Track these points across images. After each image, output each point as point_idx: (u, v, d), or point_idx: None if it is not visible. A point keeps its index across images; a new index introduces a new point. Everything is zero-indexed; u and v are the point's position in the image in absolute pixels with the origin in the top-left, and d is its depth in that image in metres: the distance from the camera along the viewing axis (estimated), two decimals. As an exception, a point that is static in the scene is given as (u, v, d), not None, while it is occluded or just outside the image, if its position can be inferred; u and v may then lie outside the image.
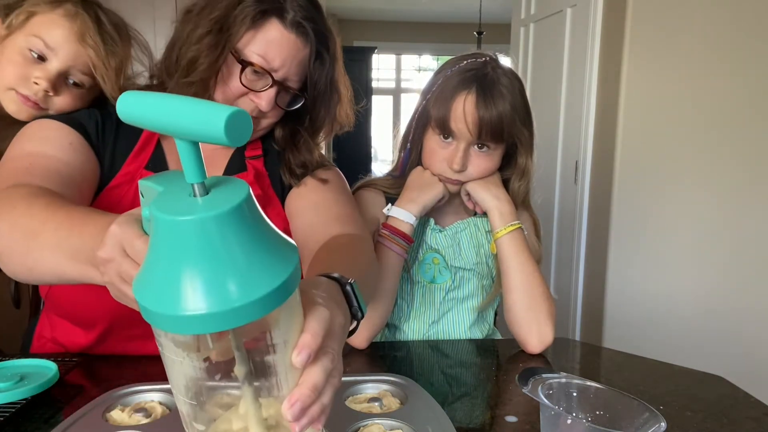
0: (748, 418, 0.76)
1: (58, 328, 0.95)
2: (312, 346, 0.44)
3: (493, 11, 6.54)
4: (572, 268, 2.67)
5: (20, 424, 0.69)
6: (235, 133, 0.37)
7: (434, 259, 1.11)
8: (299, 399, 0.43)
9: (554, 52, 2.80)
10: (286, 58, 0.87)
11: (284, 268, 0.41)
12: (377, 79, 8.27)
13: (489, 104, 0.98)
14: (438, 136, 1.03)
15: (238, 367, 0.45)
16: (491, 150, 1.03)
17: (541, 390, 0.60)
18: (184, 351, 0.43)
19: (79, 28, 0.89)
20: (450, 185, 1.05)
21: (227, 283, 0.38)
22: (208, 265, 0.38)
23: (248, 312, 0.39)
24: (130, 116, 0.43)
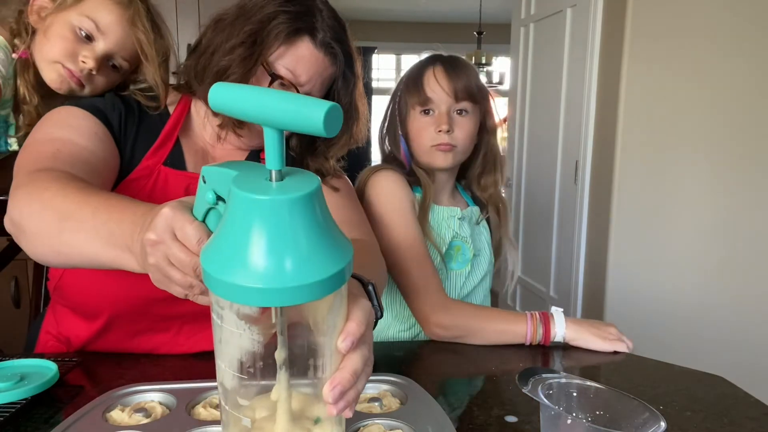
0: (748, 418, 0.76)
1: (63, 322, 0.96)
2: (356, 333, 0.47)
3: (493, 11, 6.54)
4: (572, 268, 2.67)
5: (20, 424, 0.69)
6: (331, 125, 0.42)
7: (457, 247, 1.17)
8: (340, 383, 0.46)
9: (554, 52, 2.80)
10: (313, 75, 0.90)
11: (344, 256, 0.45)
12: (377, 79, 8.27)
13: (456, 68, 1.12)
14: (420, 114, 1.13)
15: (278, 352, 0.47)
16: (469, 114, 1.14)
17: (541, 390, 0.60)
18: (246, 323, 0.45)
19: (132, 15, 0.92)
20: (442, 156, 1.12)
21: (298, 261, 0.42)
22: (281, 243, 0.42)
23: (313, 291, 0.42)
24: (223, 105, 0.46)
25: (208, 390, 0.74)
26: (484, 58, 6.58)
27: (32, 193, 0.69)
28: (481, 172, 1.22)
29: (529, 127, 3.14)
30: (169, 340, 0.93)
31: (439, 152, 1.12)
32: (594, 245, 2.55)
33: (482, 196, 1.24)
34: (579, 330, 0.98)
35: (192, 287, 0.53)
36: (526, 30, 3.13)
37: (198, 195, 0.51)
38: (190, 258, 0.50)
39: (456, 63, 1.14)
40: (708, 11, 2.28)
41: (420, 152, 1.15)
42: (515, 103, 3.26)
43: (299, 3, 0.90)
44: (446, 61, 1.14)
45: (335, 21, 0.93)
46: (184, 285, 0.53)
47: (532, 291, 3.06)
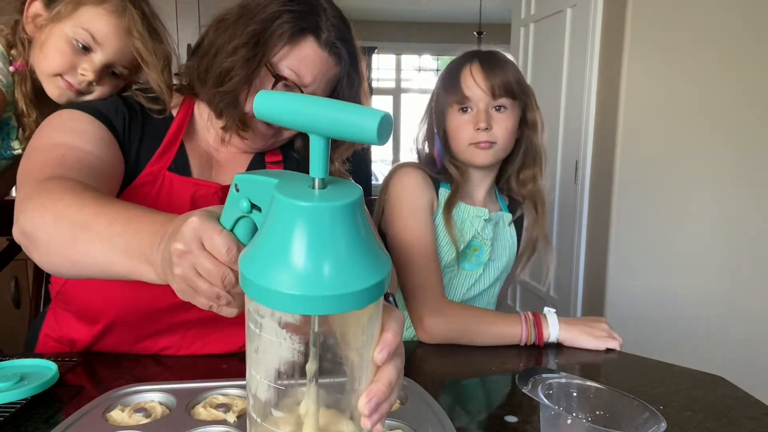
0: (748, 418, 0.76)
1: (64, 325, 0.95)
2: (393, 344, 0.47)
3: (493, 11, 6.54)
4: (572, 268, 2.67)
5: (20, 424, 0.69)
6: (384, 133, 0.41)
7: (474, 248, 1.16)
8: (376, 395, 0.45)
9: (554, 52, 2.80)
10: (318, 76, 0.89)
11: (384, 266, 0.45)
12: (377, 79, 8.27)
13: (493, 65, 1.11)
14: (458, 112, 1.12)
15: (310, 364, 0.46)
16: (508, 110, 1.12)
17: (541, 390, 0.60)
18: (288, 332, 0.44)
19: (126, 24, 0.91)
20: (482, 154, 1.11)
21: (342, 269, 0.42)
22: (325, 251, 0.41)
23: (356, 300, 0.42)
24: (269, 114, 0.46)
25: (208, 390, 0.74)
26: (484, 58, 6.56)
27: (45, 204, 0.67)
28: (521, 166, 1.20)
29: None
30: (173, 344, 0.93)
31: (478, 150, 1.11)
32: (594, 245, 2.55)
33: (521, 191, 1.21)
34: (571, 330, 0.99)
35: (219, 298, 0.52)
36: (526, 30, 3.13)
37: (228, 203, 0.50)
38: (218, 268, 0.49)
39: (494, 59, 1.13)
40: (708, 11, 2.28)
41: (459, 150, 1.13)
42: (515, 103, 3.26)
43: (303, 2, 0.89)
44: (483, 58, 1.12)
45: (340, 20, 0.92)
46: (211, 296, 0.52)
47: (532, 291, 3.06)
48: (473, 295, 1.19)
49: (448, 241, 1.12)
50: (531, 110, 1.16)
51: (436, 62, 9.52)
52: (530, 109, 1.16)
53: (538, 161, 1.19)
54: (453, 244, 1.12)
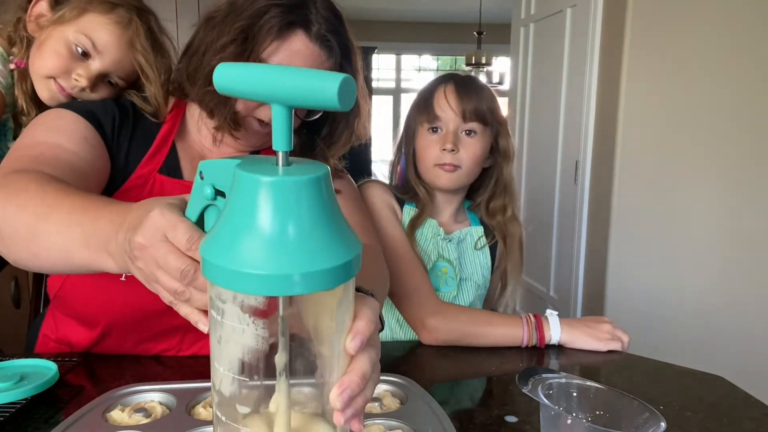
0: (748, 418, 0.76)
1: (62, 327, 0.95)
2: (365, 332, 0.44)
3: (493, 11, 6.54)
4: (572, 268, 2.67)
5: (20, 424, 0.69)
6: (345, 97, 0.39)
7: (443, 269, 1.14)
8: (348, 386, 0.43)
9: (554, 52, 2.80)
10: None
11: (354, 246, 0.42)
12: (377, 79, 8.27)
13: (468, 88, 1.11)
14: (428, 131, 1.12)
15: (279, 355, 0.44)
16: (478, 135, 1.11)
17: (541, 390, 0.60)
18: (251, 317, 0.41)
19: (130, 36, 0.90)
20: (446, 177, 1.11)
21: (307, 247, 0.39)
22: (289, 228, 0.39)
23: (323, 280, 0.39)
24: (227, 85, 0.44)
25: (208, 390, 0.73)
26: (484, 58, 6.58)
27: (8, 195, 0.65)
28: (491, 196, 1.19)
29: (529, 127, 3.14)
30: (173, 347, 0.93)
31: (442, 171, 1.10)
32: (594, 245, 2.55)
33: (489, 222, 1.19)
34: (573, 332, 0.99)
35: (177, 293, 0.50)
36: (526, 30, 3.13)
37: (194, 192, 0.48)
38: (177, 261, 0.48)
39: (470, 83, 1.12)
40: (708, 11, 2.28)
41: (424, 169, 1.13)
42: (515, 104, 3.26)
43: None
44: (459, 81, 1.12)
45: (331, 12, 0.89)
46: (170, 290, 0.50)
47: (532, 291, 3.06)
48: None
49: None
50: (503, 138, 1.16)
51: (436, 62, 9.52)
52: (503, 137, 1.16)
53: (508, 192, 1.18)
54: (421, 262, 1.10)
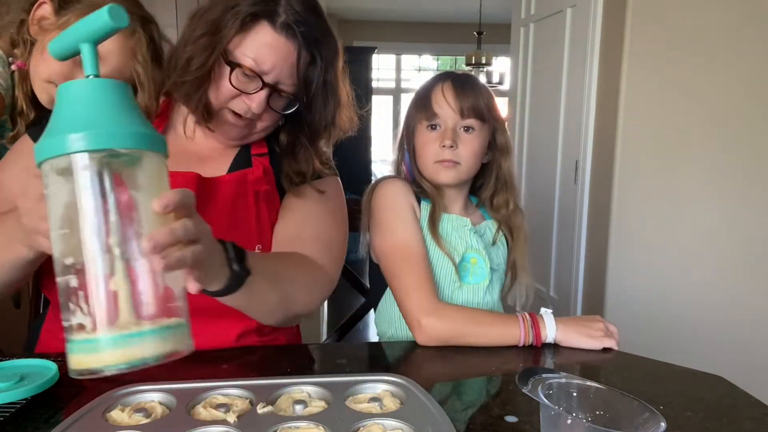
0: (748, 418, 0.76)
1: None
2: (173, 197, 0.53)
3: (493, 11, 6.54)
4: (572, 268, 2.67)
5: (20, 424, 0.69)
6: (117, 16, 0.52)
7: (472, 260, 1.15)
8: (154, 236, 0.51)
9: (554, 52, 2.80)
10: (277, 62, 0.88)
11: (150, 129, 0.54)
12: (377, 79, 8.27)
13: (465, 86, 1.13)
14: (426, 129, 1.13)
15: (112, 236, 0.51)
16: (476, 131, 1.13)
17: (541, 390, 0.60)
18: (63, 176, 0.51)
19: (133, 45, 0.91)
20: (445, 173, 1.12)
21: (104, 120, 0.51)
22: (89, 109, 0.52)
23: (117, 138, 0.51)
24: (56, 51, 0.58)
25: (208, 390, 0.74)
26: (484, 58, 6.58)
27: None
28: (493, 192, 1.22)
29: (529, 127, 3.14)
30: None
31: (442, 168, 1.12)
32: (594, 245, 2.55)
33: (495, 216, 1.22)
34: (567, 331, 0.99)
35: (38, 232, 0.65)
36: (526, 30, 3.13)
37: None
38: (31, 204, 0.64)
39: (466, 81, 1.14)
40: (708, 11, 2.28)
41: (424, 167, 1.14)
42: (515, 103, 3.26)
43: None
44: (457, 79, 1.14)
45: (303, 4, 0.89)
46: (31, 231, 0.66)
47: (532, 291, 3.06)
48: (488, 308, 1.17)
49: (442, 256, 1.11)
50: (501, 134, 1.19)
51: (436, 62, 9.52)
52: (500, 133, 1.18)
53: (509, 186, 1.21)
54: (449, 257, 1.11)
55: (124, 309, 0.51)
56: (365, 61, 6.64)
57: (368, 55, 6.63)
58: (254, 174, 0.97)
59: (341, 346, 1.04)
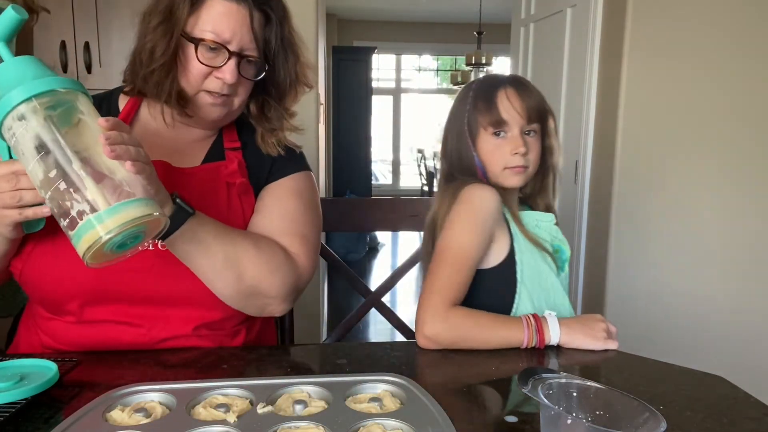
0: (748, 418, 0.76)
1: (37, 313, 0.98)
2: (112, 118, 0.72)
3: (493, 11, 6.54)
4: (572, 268, 2.67)
5: (20, 424, 0.69)
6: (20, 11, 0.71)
7: (556, 251, 1.20)
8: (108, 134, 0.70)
9: (554, 52, 2.80)
10: (235, 28, 0.91)
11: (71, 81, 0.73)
12: (377, 79, 8.27)
13: (527, 89, 1.13)
14: (491, 136, 1.12)
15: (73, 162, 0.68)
16: (537, 134, 1.15)
17: (541, 390, 0.60)
18: (24, 119, 0.68)
19: None
20: (516, 178, 1.13)
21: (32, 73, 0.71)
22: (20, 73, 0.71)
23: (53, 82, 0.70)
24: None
25: (208, 390, 0.74)
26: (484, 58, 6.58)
27: None
28: (537, 191, 1.24)
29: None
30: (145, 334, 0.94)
31: (512, 174, 1.12)
32: (594, 245, 2.55)
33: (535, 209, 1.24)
34: (572, 333, 0.99)
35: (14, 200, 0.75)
36: (526, 30, 3.13)
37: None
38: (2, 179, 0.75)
39: (525, 84, 1.15)
40: (709, 11, 2.28)
41: (493, 173, 1.14)
42: (515, 103, 3.26)
43: None
44: (514, 82, 1.14)
45: None
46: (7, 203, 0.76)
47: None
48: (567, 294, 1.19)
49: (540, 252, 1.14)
50: (549, 137, 1.20)
51: (436, 62, 9.52)
52: (548, 135, 1.20)
53: (552, 183, 1.24)
54: (543, 250, 1.14)
55: (107, 190, 0.67)
56: (365, 61, 6.65)
57: (368, 55, 6.64)
58: (228, 167, 1.00)
59: (341, 346, 1.04)
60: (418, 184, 7.80)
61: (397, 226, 1.42)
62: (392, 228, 1.45)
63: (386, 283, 1.39)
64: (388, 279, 1.39)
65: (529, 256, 1.13)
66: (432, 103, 9.97)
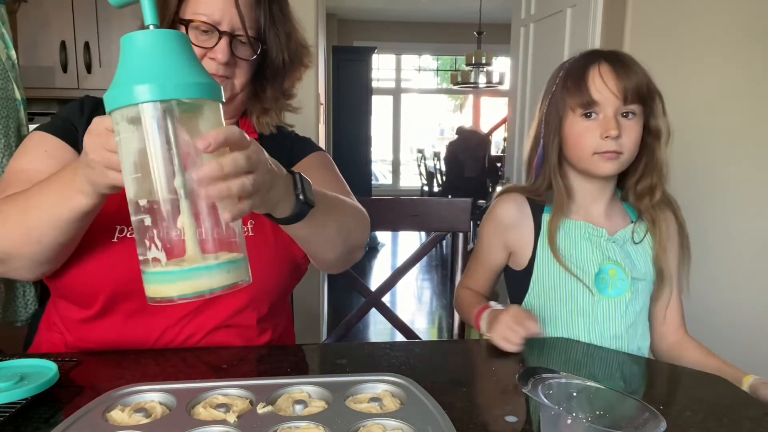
0: (748, 418, 0.76)
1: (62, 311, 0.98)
2: (215, 136, 0.56)
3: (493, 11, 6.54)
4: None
5: (20, 424, 0.69)
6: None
7: (611, 271, 1.06)
8: (201, 170, 0.55)
9: (554, 52, 2.80)
10: (224, 8, 0.92)
11: (208, 78, 0.58)
12: (377, 79, 8.27)
13: (624, 66, 1.01)
14: (580, 117, 1.02)
15: (177, 179, 0.56)
16: (636, 116, 1.03)
17: (541, 390, 0.60)
18: (134, 125, 0.56)
19: None
20: (607, 165, 1.02)
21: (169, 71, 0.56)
22: (154, 60, 0.56)
23: (181, 88, 0.55)
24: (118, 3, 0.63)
25: (208, 390, 0.74)
26: (484, 58, 6.58)
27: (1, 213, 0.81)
28: (639, 178, 1.10)
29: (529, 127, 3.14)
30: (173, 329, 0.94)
31: (602, 160, 1.01)
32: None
33: (638, 205, 1.10)
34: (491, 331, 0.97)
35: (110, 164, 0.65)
36: (526, 30, 3.13)
37: None
38: (102, 139, 0.64)
39: (624, 59, 1.03)
40: (709, 11, 2.28)
41: (580, 158, 1.04)
42: (515, 103, 3.26)
43: None
44: (611, 58, 1.03)
45: None
46: (101, 164, 0.66)
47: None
48: (630, 322, 1.08)
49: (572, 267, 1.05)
50: (655, 117, 1.08)
51: (436, 62, 9.52)
52: (655, 116, 1.08)
53: (657, 173, 1.11)
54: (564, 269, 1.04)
55: (191, 245, 0.57)
56: (365, 61, 6.64)
57: (368, 55, 6.64)
58: None
59: (341, 346, 1.04)
60: (418, 184, 7.79)
61: (397, 226, 1.42)
62: (392, 228, 1.45)
63: (386, 283, 1.39)
64: (388, 279, 1.39)
65: (553, 269, 1.07)
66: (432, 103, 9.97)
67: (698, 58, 2.31)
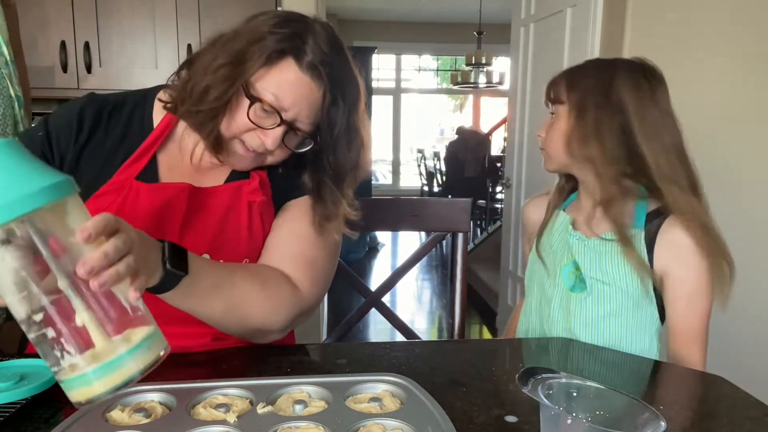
0: (748, 418, 0.76)
1: None
2: (92, 225, 0.56)
3: (493, 11, 6.54)
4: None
5: (20, 424, 0.69)
6: None
7: (577, 269, 1.09)
8: (87, 262, 0.55)
9: (554, 52, 2.80)
10: (297, 99, 0.87)
11: (54, 177, 0.54)
12: (377, 79, 8.27)
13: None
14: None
15: (60, 281, 0.55)
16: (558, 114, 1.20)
17: (541, 390, 0.60)
18: (2, 246, 0.53)
19: None
20: None
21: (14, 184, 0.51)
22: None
23: (36, 198, 0.52)
24: None
25: (208, 390, 0.74)
26: (484, 58, 6.58)
27: None
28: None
29: (529, 127, 3.14)
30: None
31: None
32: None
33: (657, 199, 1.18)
34: None
35: None
36: (526, 30, 3.13)
37: None
38: None
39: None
40: (710, 11, 2.28)
41: None
42: (515, 103, 3.26)
43: (293, 25, 0.87)
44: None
45: (329, 44, 0.88)
46: None
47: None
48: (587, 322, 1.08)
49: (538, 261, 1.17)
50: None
51: (436, 62, 9.52)
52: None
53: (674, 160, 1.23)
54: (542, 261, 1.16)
55: (97, 337, 0.56)
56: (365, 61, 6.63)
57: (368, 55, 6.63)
58: (250, 185, 0.97)
59: (341, 346, 1.04)
60: (418, 184, 7.80)
61: (397, 226, 1.42)
62: (392, 228, 1.45)
63: (386, 283, 1.39)
64: (388, 279, 1.39)
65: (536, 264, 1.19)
66: (432, 103, 9.97)
67: (698, 57, 2.31)
